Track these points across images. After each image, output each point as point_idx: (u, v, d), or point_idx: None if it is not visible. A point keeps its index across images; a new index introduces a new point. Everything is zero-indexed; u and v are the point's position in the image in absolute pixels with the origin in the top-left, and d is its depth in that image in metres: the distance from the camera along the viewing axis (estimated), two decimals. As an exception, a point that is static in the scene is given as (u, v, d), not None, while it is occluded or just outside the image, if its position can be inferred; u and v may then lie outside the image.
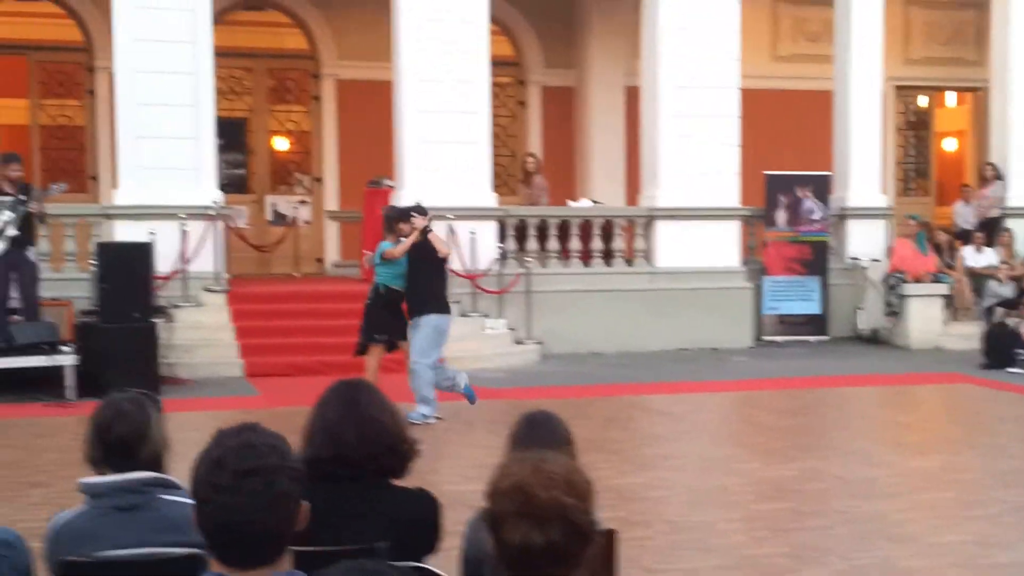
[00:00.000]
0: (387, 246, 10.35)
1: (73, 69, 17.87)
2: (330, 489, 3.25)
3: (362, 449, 3.32)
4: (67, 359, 11.31)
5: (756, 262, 16.26)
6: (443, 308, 10.33)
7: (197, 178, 13.89)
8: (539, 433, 3.65)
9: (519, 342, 14.59)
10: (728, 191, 15.75)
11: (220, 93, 15.09)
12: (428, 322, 10.17)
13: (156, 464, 3.54)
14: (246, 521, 2.20)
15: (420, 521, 3.40)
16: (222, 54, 14.73)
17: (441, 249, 10.33)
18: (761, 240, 16.40)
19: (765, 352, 15.34)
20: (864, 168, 16.65)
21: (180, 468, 3.44)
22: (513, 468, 2.27)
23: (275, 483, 2.24)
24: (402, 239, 10.29)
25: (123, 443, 3.50)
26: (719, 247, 15.71)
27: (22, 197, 11.76)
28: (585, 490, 2.27)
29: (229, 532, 2.21)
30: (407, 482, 3.48)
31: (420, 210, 10.53)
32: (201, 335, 13.11)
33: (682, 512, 7.28)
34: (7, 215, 11.65)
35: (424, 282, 10.24)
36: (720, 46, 15.61)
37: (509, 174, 19.19)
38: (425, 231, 10.26)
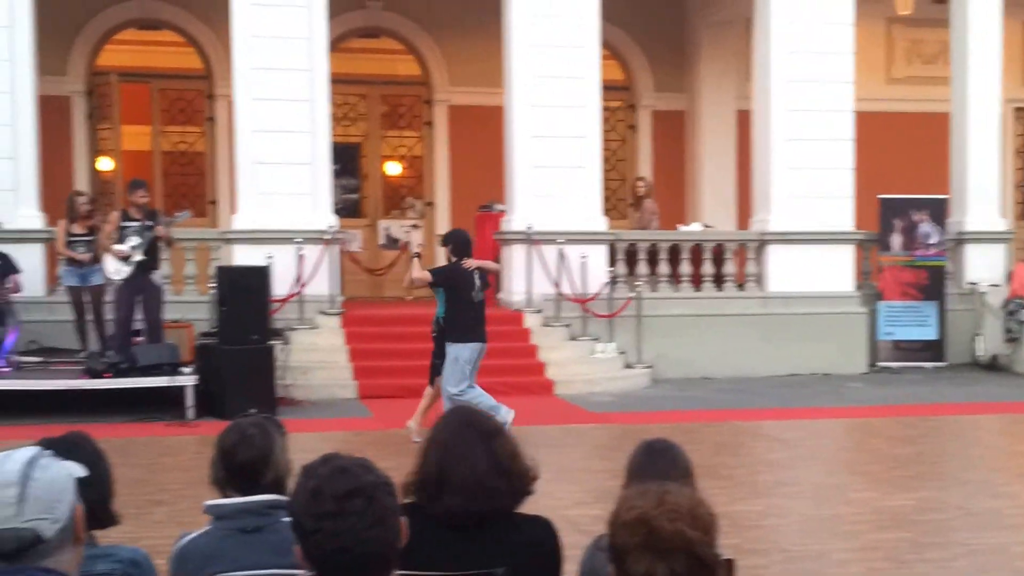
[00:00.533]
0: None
1: (194, 97, 18.36)
2: (456, 524, 3.27)
3: (511, 499, 3.32)
4: (187, 380, 11.60)
5: (871, 287, 16.00)
6: (460, 337, 10.22)
7: (313, 203, 14.17)
8: (659, 463, 3.61)
9: (629, 366, 14.56)
10: (842, 215, 15.55)
11: (335, 119, 15.36)
12: (448, 352, 10.21)
13: (279, 487, 3.60)
14: (357, 542, 2.22)
15: (539, 548, 3.37)
16: (337, 81, 15.01)
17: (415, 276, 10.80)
18: (876, 264, 16.14)
19: (880, 379, 15.07)
20: (982, 191, 16.29)
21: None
22: (636, 500, 2.26)
23: (377, 499, 2.26)
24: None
25: (248, 467, 3.58)
26: (833, 271, 15.50)
27: (148, 223, 12.12)
28: (709, 523, 2.25)
29: (341, 556, 2.23)
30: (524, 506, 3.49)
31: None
32: (316, 357, 13.33)
33: (797, 541, 7.20)
34: (134, 240, 12.02)
35: (447, 310, 10.33)
36: (834, 69, 15.44)
37: (619, 198, 19.18)
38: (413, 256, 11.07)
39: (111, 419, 11.13)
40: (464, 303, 10.29)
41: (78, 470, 2.36)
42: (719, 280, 15.59)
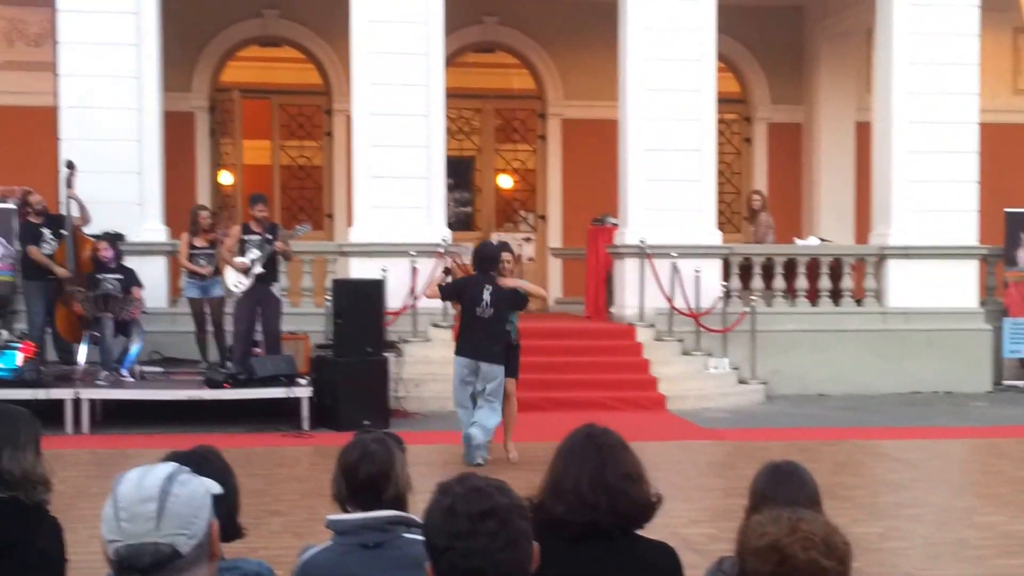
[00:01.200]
0: None
1: (312, 112, 18.67)
2: (576, 544, 3.25)
3: (611, 517, 3.31)
4: (303, 391, 11.76)
5: (996, 303, 15.56)
6: (456, 350, 10.38)
7: (428, 216, 14.30)
8: (786, 486, 3.56)
9: (743, 382, 14.38)
10: (966, 229, 15.16)
11: (449, 133, 15.49)
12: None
13: (400, 503, 3.61)
14: (488, 563, 2.20)
15: (663, 574, 3.36)
16: (452, 95, 15.14)
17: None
18: (1001, 280, 15.70)
19: (1006, 398, 14.63)
20: (1114, 204, 15.74)
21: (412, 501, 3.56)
22: (768, 526, 2.23)
23: (510, 522, 2.23)
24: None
25: (370, 483, 3.58)
26: (956, 287, 15.11)
27: (269, 236, 12.35)
28: (844, 552, 2.21)
29: None
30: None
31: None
32: (428, 369, 13.41)
33: (921, 565, 7.02)
34: (254, 253, 12.25)
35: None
36: (958, 80, 15.08)
37: (734, 211, 18.99)
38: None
39: (229, 429, 11.34)
40: (468, 317, 10.17)
41: (215, 487, 2.38)
42: (836, 295, 15.32)
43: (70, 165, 12.98)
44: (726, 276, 14.89)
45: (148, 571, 2.15)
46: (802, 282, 15.26)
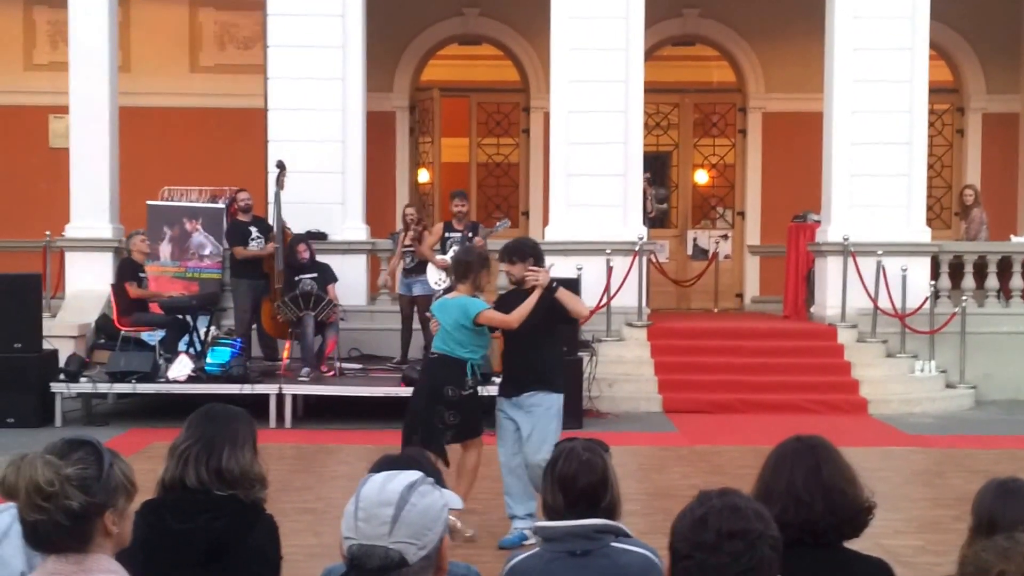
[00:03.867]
0: (479, 305, 7.65)
1: (510, 109, 18.82)
2: (787, 553, 3.19)
3: (828, 518, 3.23)
4: (497, 389, 11.77)
5: None
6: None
7: (624, 214, 14.22)
8: (1013, 506, 3.40)
9: (950, 386, 13.81)
10: None
11: (645, 128, 15.36)
12: (551, 403, 7.61)
13: (612, 511, 3.61)
14: None
15: None
16: (649, 90, 15.00)
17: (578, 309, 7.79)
18: None
19: None
20: None
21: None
22: (990, 553, 2.21)
23: (757, 548, 2.21)
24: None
25: (588, 492, 3.59)
26: None
27: (470, 234, 12.49)
28: None
29: None
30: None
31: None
32: (621, 369, 13.35)
33: None
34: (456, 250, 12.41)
35: (546, 351, 7.73)
36: None
37: (944, 207, 18.28)
38: (551, 288, 7.52)
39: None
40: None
41: (456, 501, 2.43)
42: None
43: (280, 165, 13.39)
44: (935, 275, 14.34)
45: (376, 574, 2.22)
46: (1017, 282, 14.54)
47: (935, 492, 9.16)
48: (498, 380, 8.04)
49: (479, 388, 7.74)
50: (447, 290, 12.26)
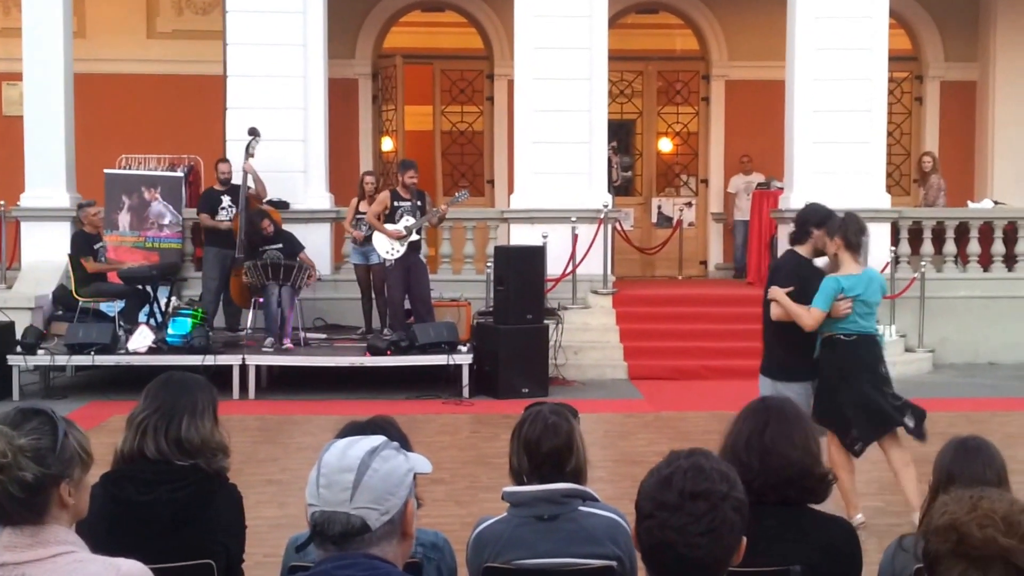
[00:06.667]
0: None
1: (474, 77, 18.70)
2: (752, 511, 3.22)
3: (762, 478, 3.26)
4: (464, 358, 11.82)
5: None
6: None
7: (589, 182, 14.22)
8: (972, 463, 3.50)
9: (910, 350, 13.95)
10: None
11: (610, 96, 15.33)
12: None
13: (579, 475, 3.63)
14: (683, 543, 2.19)
15: (835, 550, 3.31)
16: (614, 58, 14.95)
17: None
18: None
19: None
20: None
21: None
22: (950, 505, 2.21)
23: (720, 509, 2.22)
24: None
25: (554, 456, 3.60)
26: None
27: (418, 203, 12.44)
28: None
29: (664, 551, 2.21)
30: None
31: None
32: (587, 337, 13.38)
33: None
34: (408, 219, 12.37)
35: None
36: None
37: (903, 173, 18.40)
38: None
39: (390, 396, 11.49)
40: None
41: (424, 465, 2.40)
42: (1010, 260, 14.72)
43: (253, 132, 13.20)
44: (894, 241, 14.47)
45: (338, 540, 2.22)
46: (974, 247, 14.69)
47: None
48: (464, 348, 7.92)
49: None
50: (398, 260, 12.18)
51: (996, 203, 15.78)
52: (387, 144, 18.07)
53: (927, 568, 2.23)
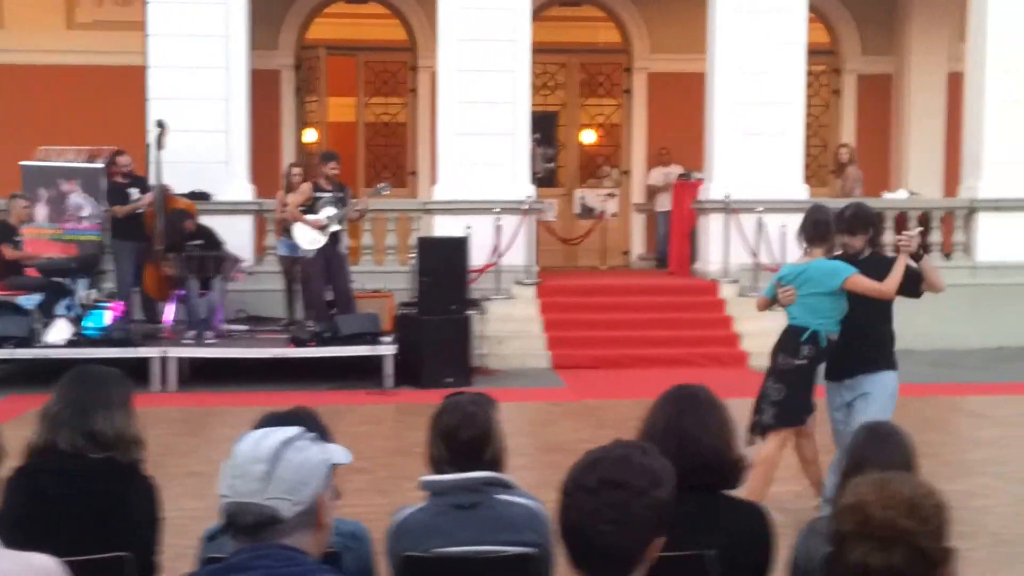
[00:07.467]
0: (848, 269, 6.66)
1: (398, 68, 18.69)
2: None
3: (678, 464, 3.32)
4: (387, 349, 11.84)
5: (1089, 256, 15.18)
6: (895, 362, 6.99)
7: (512, 173, 14.29)
8: (883, 449, 3.58)
9: (829, 338, 14.20)
10: (1059, 180, 14.80)
11: (533, 88, 15.40)
12: (888, 382, 6.81)
13: (497, 464, 3.65)
14: (591, 527, 2.21)
15: (750, 535, 3.38)
16: (537, 50, 15.02)
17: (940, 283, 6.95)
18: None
19: (1097, 353, 14.31)
20: None
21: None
22: (860, 487, 2.25)
23: (632, 504, 2.22)
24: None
25: (471, 445, 3.62)
26: (1048, 240, 14.77)
27: (339, 195, 12.44)
28: (931, 514, 2.20)
29: (573, 533, 2.24)
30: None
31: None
32: (511, 327, 13.46)
33: (1008, 524, 6.93)
34: (330, 210, 12.36)
35: (882, 325, 6.93)
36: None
37: (820, 165, 18.72)
38: (918, 254, 6.83)
39: (313, 387, 11.47)
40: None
41: (342, 456, 2.41)
42: (924, 249, 14.98)
43: (160, 124, 13.13)
44: (813, 231, 14.67)
45: (250, 531, 2.21)
46: (889, 236, 14.97)
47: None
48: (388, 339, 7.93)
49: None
50: (319, 251, 12.17)
51: (911, 193, 16.10)
52: (310, 135, 17.99)
53: (834, 548, 2.25)
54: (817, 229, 6.74)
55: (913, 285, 6.71)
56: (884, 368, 6.70)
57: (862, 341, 6.68)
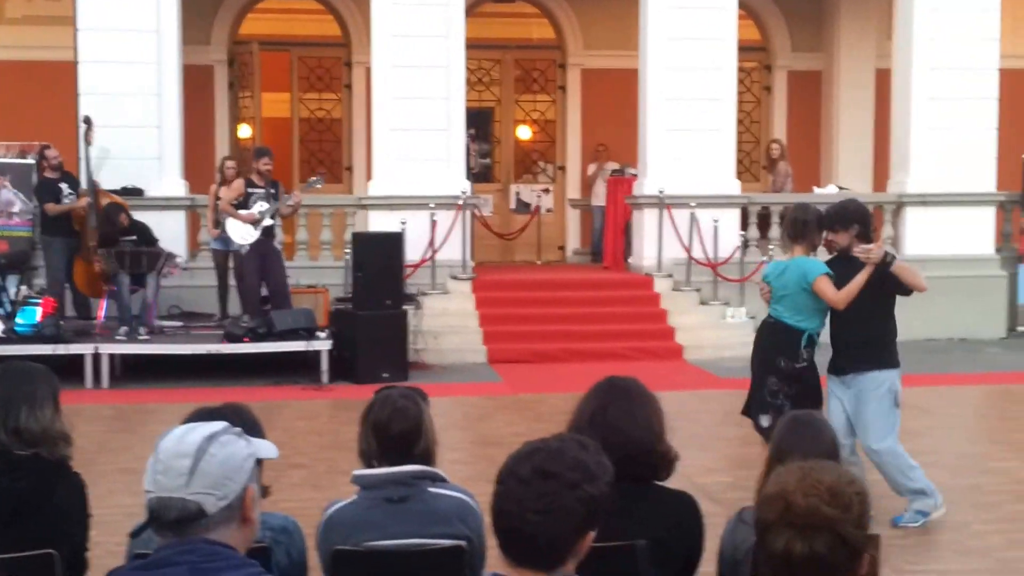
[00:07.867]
0: (819, 269, 6.75)
1: (332, 64, 18.62)
2: None
3: (607, 456, 3.37)
4: (323, 344, 11.82)
5: (1012, 249, 15.51)
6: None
7: (447, 169, 14.31)
8: (804, 436, 3.63)
9: (760, 331, 14.38)
10: (983, 176, 15.08)
11: (468, 84, 15.45)
12: (883, 380, 6.80)
13: (428, 458, 3.68)
14: (518, 515, 2.23)
15: (679, 524, 3.44)
16: (472, 46, 15.05)
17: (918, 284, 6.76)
18: (1018, 227, 15.62)
19: (1021, 344, 14.61)
20: None
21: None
22: (783, 476, 2.26)
23: (562, 497, 2.23)
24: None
25: (402, 439, 3.64)
26: (972, 234, 15.06)
27: (272, 190, 12.40)
28: (852, 502, 2.20)
29: (502, 520, 2.26)
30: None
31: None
32: (447, 322, 13.48)
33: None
34: (262, 206, 12.31)
35: (883, 322, 6.88)
36: (978, 26, 14.92)
37: (752, 160, 18.94)
38: (887, 261, 6.64)
39: (248, 383, 11.42)
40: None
41: (269, 451, 2.40)
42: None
43: (87, 121, 13.00)
44: (744, 225, 14.88)
45: (174, 526, 2.20)
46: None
47: (745, 432, 9.47)
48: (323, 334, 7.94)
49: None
50: (253, 246, 12.12)
51: (840, 188, 16.32)
52: (244, 131, 17.88)
53: (758, 537, 2.26)
54: (795, 227, 6.86)
55: (902, 286, 6.72)
56: (881, 367, 6.73)
57: (862, 338, 6.73)
